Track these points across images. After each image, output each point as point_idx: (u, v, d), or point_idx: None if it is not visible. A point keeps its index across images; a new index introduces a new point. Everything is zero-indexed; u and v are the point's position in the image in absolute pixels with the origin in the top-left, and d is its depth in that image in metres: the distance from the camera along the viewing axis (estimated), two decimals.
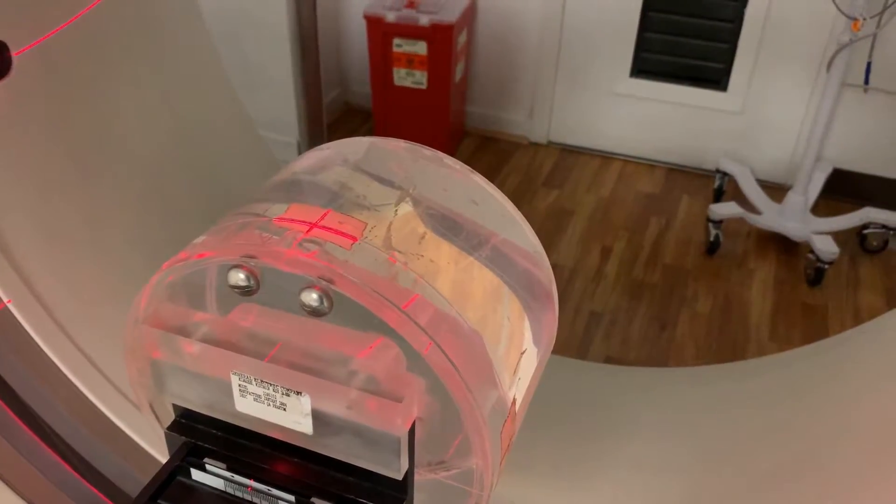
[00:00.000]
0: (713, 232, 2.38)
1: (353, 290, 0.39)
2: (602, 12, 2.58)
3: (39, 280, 0.69)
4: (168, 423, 0.46)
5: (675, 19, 2.57)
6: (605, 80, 2.70)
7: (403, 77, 2.54)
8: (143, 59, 0.78)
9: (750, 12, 2.46)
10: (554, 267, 2.30)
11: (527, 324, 0.47)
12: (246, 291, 0.40)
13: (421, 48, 2.48)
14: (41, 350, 0.70)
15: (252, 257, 0.40)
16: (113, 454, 0.70)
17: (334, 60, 2.93)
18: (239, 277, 0.40)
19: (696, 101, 2.64)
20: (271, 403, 0.41)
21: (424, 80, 2.54)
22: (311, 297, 0.39)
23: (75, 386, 0.72)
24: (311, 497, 0.42)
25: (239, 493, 0.43)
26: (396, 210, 0.44)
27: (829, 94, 2.23)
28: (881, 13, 2.11)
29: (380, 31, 2.51)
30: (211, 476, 0.43)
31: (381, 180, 0.49)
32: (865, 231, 2.37)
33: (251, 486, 0.42)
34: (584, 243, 2.43)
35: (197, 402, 0.44)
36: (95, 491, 0.69)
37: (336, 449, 0.42)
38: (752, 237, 2.46)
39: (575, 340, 2.07)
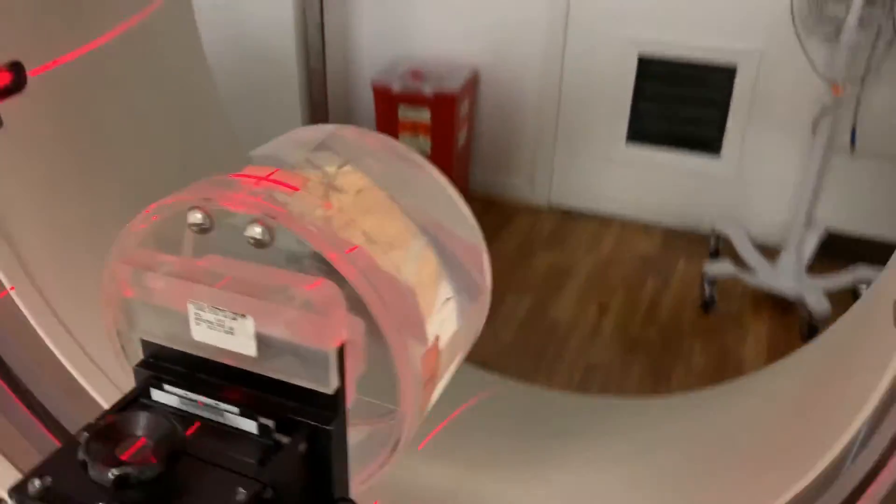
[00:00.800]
0: (708, 290, 2.43)
1: (292, 224, 0.46)
2: (597, 82, 2.70)
3: (40, 272, 0.76)
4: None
5: (668, 89, 2.69)
6: (603, 146, 2.81)
7: (409, 143, 2.67)
8: (143, 81, 0.88)
9: (739, 81, 2.57)
10: (551, 322, 2.35)
11: (445, 278, 0.54)
12: (202, 230, 0.48)
13: (425, 116, 2.61)
14: (38, 336, 0.77)
15: (208, 199, 0.47)
16: None
17: None
18: (196, 217, 0.47)
19: (690, 165, 2.73)
20: (221, 328, 0.48)
21: (429, 147, 2.66)
22: (255, 231, 0.46)
23: (68, 371, 0.78)
24: (255, 414, 0.48)
25: (191, 409, 0.49)
26: (339, 168, 0.52)
27: (816, 158, 2.31)
28: (863, 77, 2.21)
29: (386, 100, 2.65)
30: (167, 395, 0.50)
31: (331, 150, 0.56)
32: (859, 289, 2.41)
33: (201, 402, 0.49)
34: (581, 301, 2.49)
35: (161, 335, 0.51)
36: None
37: (276, 369, 0.48)
38: (748, 296, 2.51)
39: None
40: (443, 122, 2.62)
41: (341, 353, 0.47)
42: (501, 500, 0.88)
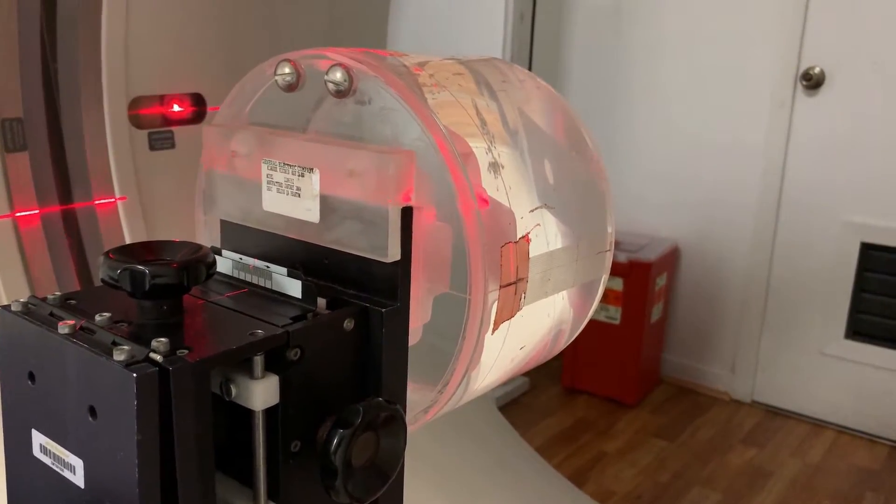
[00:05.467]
0: None
1: (374, 69, 0.42)
2: (812, 269, 2.50)
3: None
4: None
5: None
6: (816, 339, 2.54)
7: (597, 310, 2.57)
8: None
9: None
10: None
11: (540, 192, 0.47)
12: (289, 86, 0.45)
13: (617, 284, 2.53)
14: None
15: (300, 56, 0.45)
16: None
17: None
18: (284, 69, 0.45)
19: None
20: (289, 191, 0.44)
21: (618, 316, 2.55)
22: (336, 75, 0.43)
23: None
24: (301, 275, 0.42)
25: (243, 275, 0.44)
26: (443, 60, 0.48)
27: None
28: None
29: None
30: (224, 260, 0.45)
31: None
32: None
33: (252, 265, 0.44)
34: None
35: (237, 214, 0.48)
36: None
37: (337, 239, 0.43)
38: None
39: None
40: (636, 292, 2.52)
41: (406, 218, 0.41)
42: None
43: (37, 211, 1.08)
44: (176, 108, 1.18)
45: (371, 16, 1.58)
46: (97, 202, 1.13)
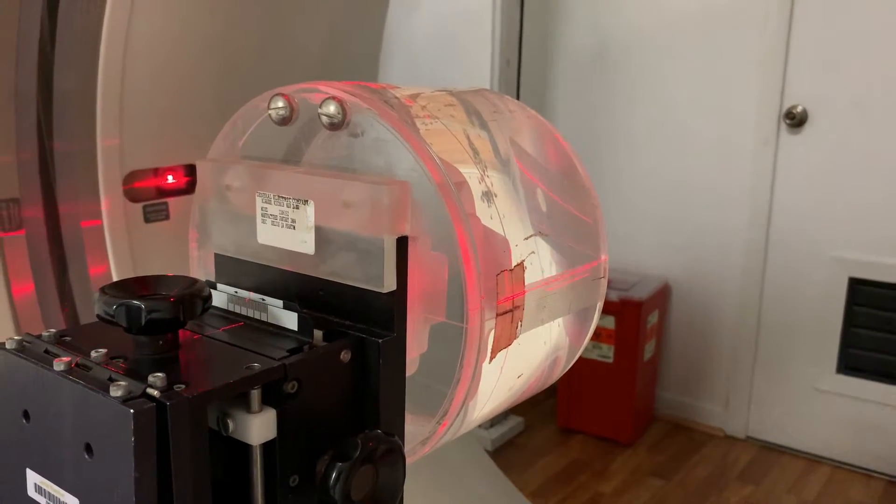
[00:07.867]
0: None
1: (367, 102, 0.43)
2: (802, 304, 2.51)
3: None
4: None
5: (887, 315, 2.43)
6: (809, 374, 2.53)
7: (590, 349, 2.57)
8: None
9: None
10: None
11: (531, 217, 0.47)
12: (283, 119, 0.46)
13: (609, 323, 2.53)
14: None
15: (294, 90, 0.46)
16: None
17: None
18: (277, 103, 0.45)
19: None
20: (284, 224, 0.44)
21: (611, 354, 2.54)
22: (329, 108, 0.43)
23: None
24: (298, 307, 0.42)
25: (239, 308, 0.44)
26: (434, 92, 0.49)
27: None
28: None
29: None
30: (220, 294, 0.45)
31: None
32: None
33: (248, 298, 0.44)
34: None
35: (231, 247, 0.48)
36: None
37: (333, 270, 0.43)
38: None
39: None
40: (628, 330, 2.52)
41: (402, 248, 0.41)
42: None
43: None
44: (170, 178, 1.19)
45: (361, 71, 1.61)
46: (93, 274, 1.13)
